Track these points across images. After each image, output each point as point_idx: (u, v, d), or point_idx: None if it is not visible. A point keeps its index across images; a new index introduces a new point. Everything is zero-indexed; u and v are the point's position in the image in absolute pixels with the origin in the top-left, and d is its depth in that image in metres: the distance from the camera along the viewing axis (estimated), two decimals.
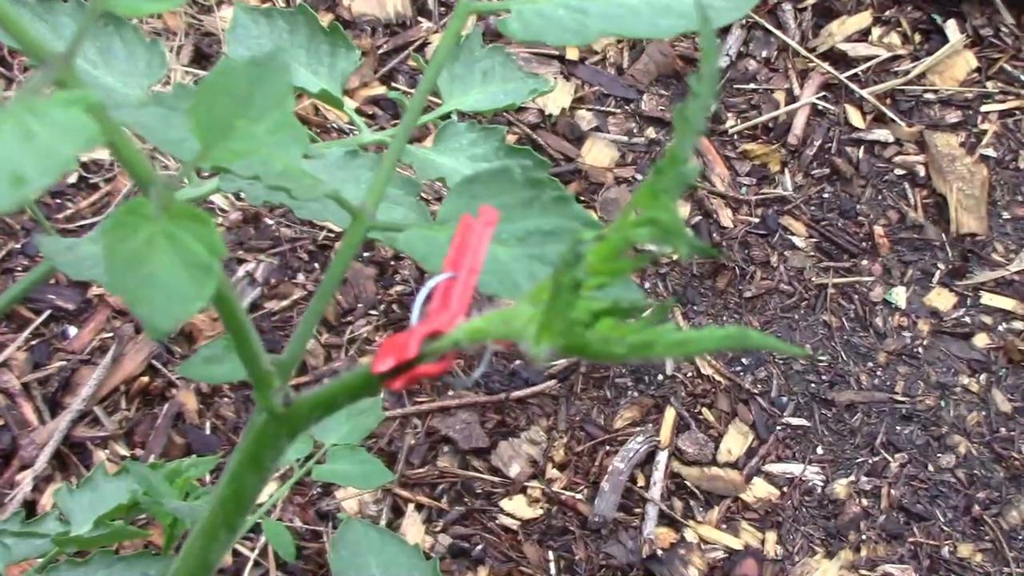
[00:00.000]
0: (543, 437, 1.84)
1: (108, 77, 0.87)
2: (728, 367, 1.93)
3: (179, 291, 0.41)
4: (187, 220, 0.43)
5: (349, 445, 1.36)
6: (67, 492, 1.30)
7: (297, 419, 0.54)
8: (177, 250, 0.42)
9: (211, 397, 1.83)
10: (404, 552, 1.08)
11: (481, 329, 0.44)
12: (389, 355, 0.47)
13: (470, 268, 0.49)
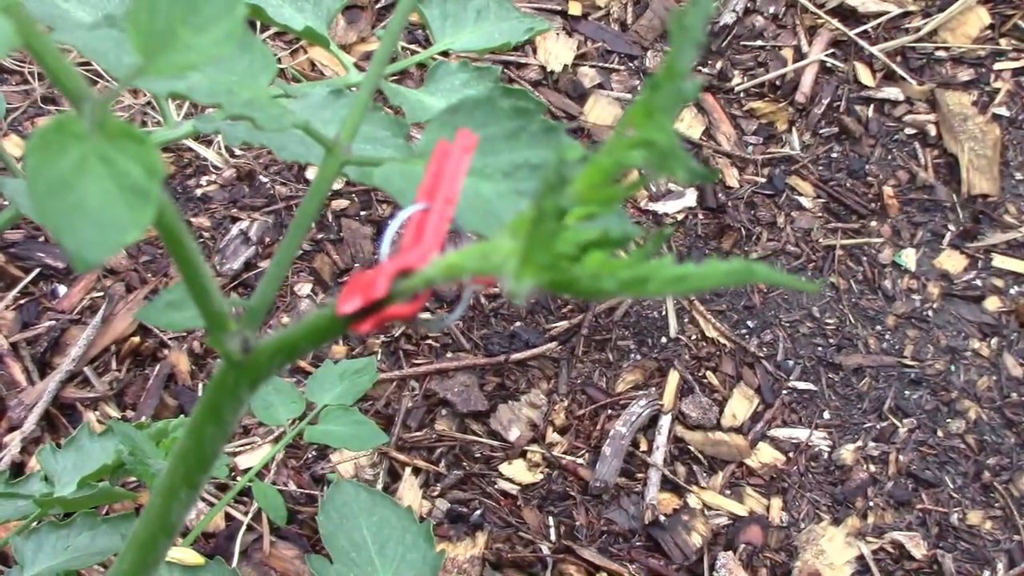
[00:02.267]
0: (543, 400, 1.79)
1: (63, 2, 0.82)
2: (733, 330, 1.89)
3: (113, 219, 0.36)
4: (123, 139, 0.39)
5: (342, 406, 1.32)
6: (51, 452, 1.26)
7: (257, 367, 0.49)
8: (111, 173, 0.37)
9: (203, 358, 1.79)
10: (396, 514, 1.04)
11: (457, 265, 0.40)
12: (355, 294, 0.43)
13: (446, 198, 0.44)
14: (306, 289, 1.85)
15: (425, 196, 0.45)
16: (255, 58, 0.59)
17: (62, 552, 1.14)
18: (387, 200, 1.96)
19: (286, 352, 0.49)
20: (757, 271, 0.37)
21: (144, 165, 0.38)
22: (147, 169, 0.38)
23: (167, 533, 0.54)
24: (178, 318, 0.55)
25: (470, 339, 1.83)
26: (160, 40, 0.43)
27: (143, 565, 0.55)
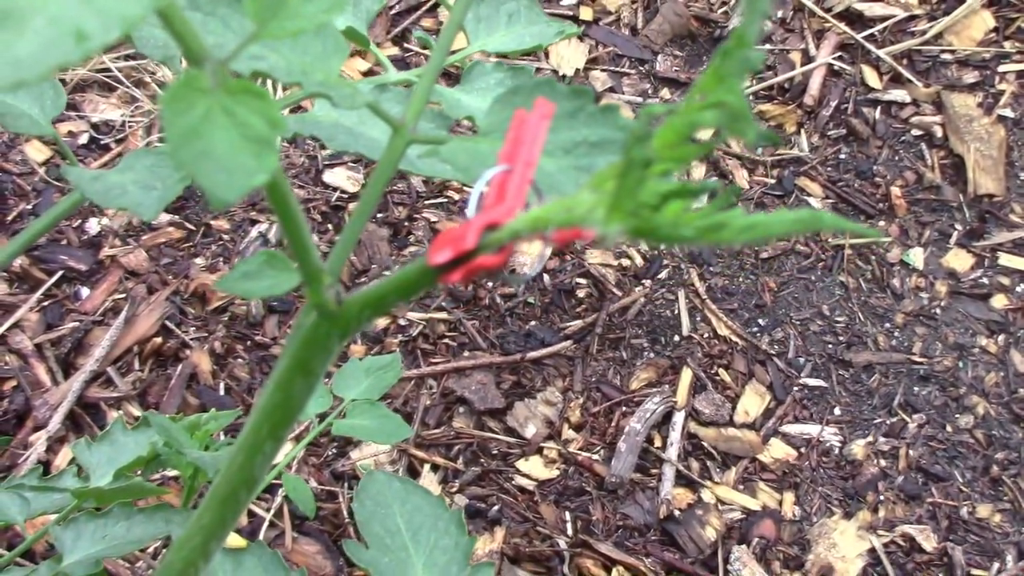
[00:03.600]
0: (559, 398, 1.82)
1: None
2: (745, 328, 1.92)
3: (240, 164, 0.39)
4: (244, 95, 0.42)
5: (368, 400, 1.34)
6: (85, 446, 1.29)
7: (348, 318, 0.52)
8: (234, 124, 0.41)
9: (225, 358, 1.82)
10: (428, 502, 1.07)
11: (542, 218, 0.43)
12: (446, 247, 0.46)
13: (526, 161, 0.47)
14: None
15: (506, 159, 0.48)
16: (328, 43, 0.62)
17: (100, 540, 1.17)
18: (402, 203, 1.99)
19: (375, 304, 0.52)
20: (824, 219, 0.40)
21: (265, 117, 0.41)
22: (268, 121, 0.41)
23: (248, 487, 0.57)
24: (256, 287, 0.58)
25: (486, 338, 1.86)
26: (273, 8, 0.46)
27: (223, 519, 0.58)
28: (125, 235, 1.92)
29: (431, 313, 1.87)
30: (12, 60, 0.33)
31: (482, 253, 0.45)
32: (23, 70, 0.33)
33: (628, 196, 0.39)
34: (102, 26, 0.34)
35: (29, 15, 0.34)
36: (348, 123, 0.81)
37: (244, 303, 1.86)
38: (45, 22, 0.34)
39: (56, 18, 0.34)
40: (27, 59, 0.33)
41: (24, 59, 0.33)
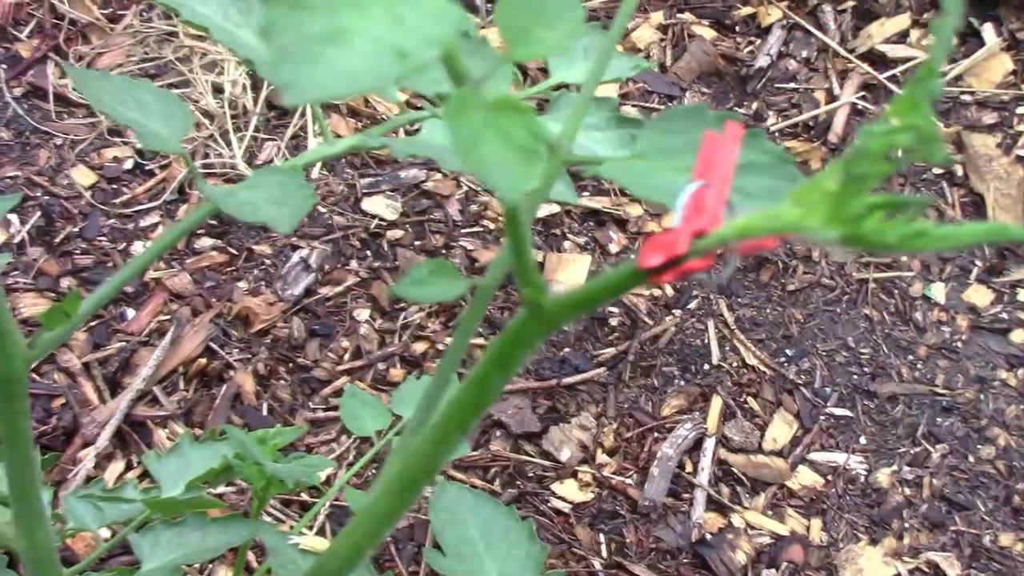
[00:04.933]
0: (593, 423, 1.87)
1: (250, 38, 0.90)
2: (772, 358, 1.97)
3: (511, 172, 0.44)
4: (507, 110, 0.47)
5: None
6: (155, 458, 1.33)
7: (556, 316, 0.57)
8: (501, 136, 0.45)
9: (268, 379, 1.86)
10: (499, 513, 1.11)
11: (749, 226, 0.48)
12: (657, 252, 0.50)
13: (722, 177, 0.52)
14: (364, 315, 1.93)
15: (699, 176, 0.53)
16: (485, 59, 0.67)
17: (176, 548, 1.22)
18: (439, 231, 2.04)
19: (583, 304, 0.56)
20: (1011, 231, 0.45)
21: (527, 130, 0.46)
22: (530, 133, 0.46)
23: (429, 475, 0.62)
24: (426, 293, 0.62)
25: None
26: (519, 35, 0.51)
27: (399, 506, 0.62)
28: (169, 258, 1.97)
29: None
30: (345, 71, 0.38)
31: (691, 257, 0.50)
32: (356, 81, 0.38)
33: (845, 206, 0.45)
34: (418, 45, 0.40)
35: (354, 34, 0.39)
36: None
37: (286, 327, 1.90)
38: (368, 41, 0.39)
39: (377, 38, 0.39)
40: (357, 72, 0.38)
41: (355, 72, 0.38)
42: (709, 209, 0.51)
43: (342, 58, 0.38)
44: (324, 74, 0.38)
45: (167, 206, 2.04)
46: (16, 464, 0.82)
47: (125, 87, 0.84)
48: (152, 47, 2.19)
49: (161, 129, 0.84)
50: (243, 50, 0.90)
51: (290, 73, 0.38)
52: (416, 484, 0.62)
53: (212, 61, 2.17)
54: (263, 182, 0.82)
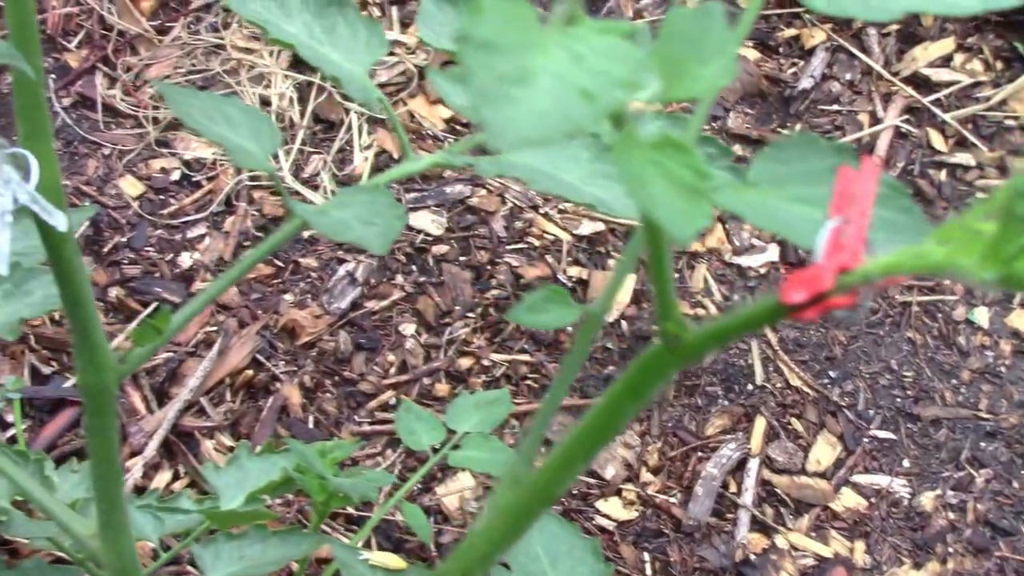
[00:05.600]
0: (637, 441, 1.87)
1: (334, 54, 0.91)
2: (816, 379, 1.97)
3: (678, 210, 0.45)
4: (668, 148, 0.47)
5: (482, 433, 1.40)
6: (213, 469, 1.34)
7: (691, 349, 0.57)
8: (664, 174, 0.46)
9: (314, 392, 1.87)
10: (564, 530, 1.12)
11: (896, 264, 0.48)
12: (799, 287, 0.51)
13: (860, 213, 0.53)
14: (410, 329, 1.94)
15: (836, 211, 0.53)
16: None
17: (237, 561, 1.22)
18: (484, 247, 2.04)
19: (720, 337, 0.57)
20: None
21: (690, 168, 0.46)
22: (694, 172, 0.46)
23: (545, 504, 0.62)
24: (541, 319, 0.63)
25: None
26: (676, 72, 0.52)
27: (515, 531, 0.63)
28: (216, 269, 1.98)
29: (514, 355, 1.92)
30: (536, 112, 0.38)
31: (835, 294, 0.51)
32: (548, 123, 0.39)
33: (1003, 247, 0.45)
34: (601, 85, 0.40)
35: (538, 73, 0.40)
36: (543, 167, 0.86)
37: (332, 340, 1.91)
38: (552, 80, 0.40)
39: (560, 77, 0.40)
40: (548, 113, 0.39)
41: (545, 112, 0.39)
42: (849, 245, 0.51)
43: (530, 98, 0.39)
44: (518, 115, 0.38)
45: (214, 217, 2.05)
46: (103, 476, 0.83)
47: (213, 103, 0.85)
48: (200, 59, 2.20)
49: (250, 145, 0.85)
50: (328, 67, 0.90)
51: (490, 116, 0.38)
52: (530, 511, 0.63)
53: (259, 74, 2.18)
54: (352, 201, 0.83)
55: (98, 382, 0.78)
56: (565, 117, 0.39)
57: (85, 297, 0.77)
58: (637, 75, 0.42)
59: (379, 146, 2.14)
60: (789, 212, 0.60)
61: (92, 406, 0.80)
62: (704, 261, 2.08)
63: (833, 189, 0.53)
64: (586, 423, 0.61)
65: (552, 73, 0.40)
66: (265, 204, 2.05)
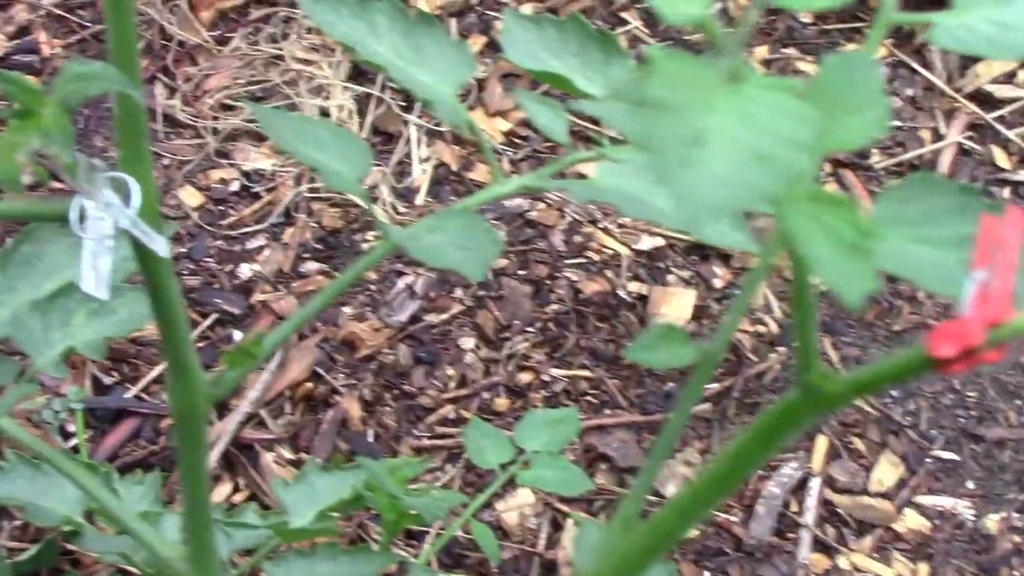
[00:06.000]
0: (697, 459, 1.86)
1: (422, 75, 0.90)
2: (878, 398, 1.95)
3: (843, 270, 0.44)
4: (827, 203, 0.46)
5: (551, 452, 1.39)
6: (282, 485, 1.33)
7: (832, 401, 0.56)
8: (824, 230, 0.45)
9: (373, 406, 1.86)
10: None
11: None
12: (948, 342, 0.50)
13: (1006, 263, 0.51)
14: (469, 343, 1.93)
15: (979, 262, 0.52)
16: None
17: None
18: (543, 261, 2.03)
19: (865, 388, 0.56)
20: None
21: (851, 225, 0.45)
22: (855, 228, 0.45)
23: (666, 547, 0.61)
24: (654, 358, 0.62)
25: (626, 397, 1.90)
26: (829, 122, 0.51)
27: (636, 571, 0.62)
28: (276, 281, 1.98)
29: (574, 371, 1.91)
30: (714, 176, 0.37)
31: (984, 349, 0.50)
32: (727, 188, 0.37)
33: None
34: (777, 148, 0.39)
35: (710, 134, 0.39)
36: (634, 193, 0.85)
37: (392, 353, 1.91)
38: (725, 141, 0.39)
39: (733, 139, 0.39)
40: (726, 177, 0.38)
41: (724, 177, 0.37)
42: (996, 298, 0.50)
43: (706, 162, 0.38)
44: (698, 180, 0.37)
45: (273, 229, 2.05)
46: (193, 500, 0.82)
47: (304, 125, 0.85)
48: (259, 70, 2.20)
49: (341, 168, 0.84)
50: (418, 89, 0.90)
51: (671, 179, 0.37)
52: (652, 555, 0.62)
53: (318, 86, 2.18)
54: (445, 225, 0.82)
55: (190, 405, 0.77)
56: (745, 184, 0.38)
57: (179, 320, 0.76)
58: (813, 136, 0.41)
59: (438, 159, 2.13)
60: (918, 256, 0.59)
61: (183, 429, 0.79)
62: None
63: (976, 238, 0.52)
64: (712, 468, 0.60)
65: (725, 134, 0.39)
66: (324, 216, 2.05)
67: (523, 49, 0.97)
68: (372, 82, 2.19)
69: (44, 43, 2.23)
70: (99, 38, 2.25)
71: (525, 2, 2.30)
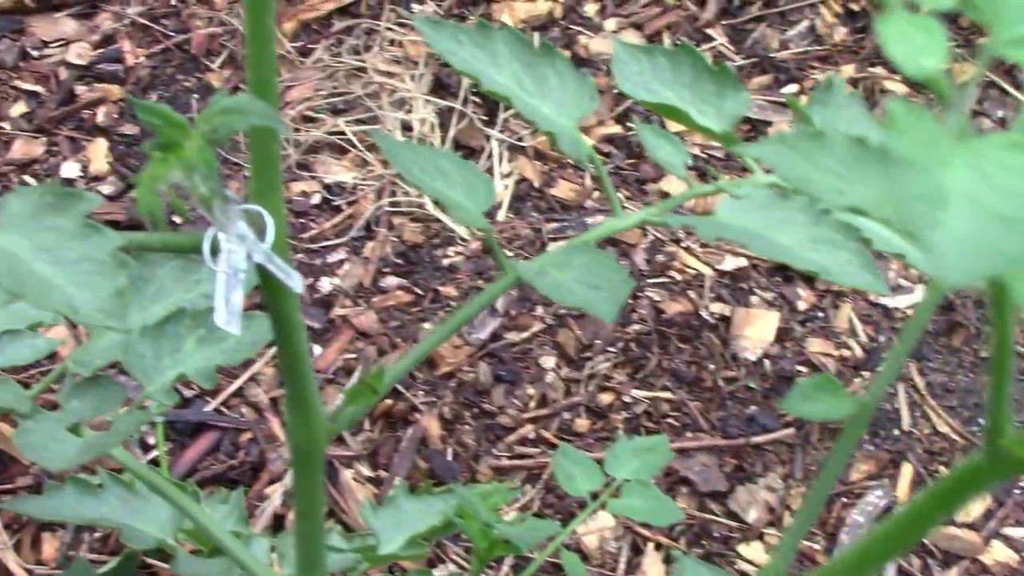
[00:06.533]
0: (780, 484, 1.83)
1: (544, 107, 0.88)
2: (964, 426, 1.92)
3: None
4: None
5: (641, 481, 1.37)
6: (371, 510, 1.32)
7: (1021, 466, 0.54)
8: None
9: (453, 424, 1.85)
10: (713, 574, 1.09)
11: None
12: None
13: None
14: (550, 362, 1.91)
15: None
16: None
17: None
18: None
19: None
20: None
21: None
22: None
23: None
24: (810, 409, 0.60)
25: (708, 420, 1.87)
26: None
27: None
28: (356, 296, 1.97)
29: (656, 392, 1.89)
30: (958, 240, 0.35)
31: None
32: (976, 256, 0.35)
33: None
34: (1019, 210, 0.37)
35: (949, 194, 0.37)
36: (760, 230, 0.83)
37: (472, 371, 1.89)
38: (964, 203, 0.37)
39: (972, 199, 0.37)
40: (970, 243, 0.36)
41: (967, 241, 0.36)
42: None
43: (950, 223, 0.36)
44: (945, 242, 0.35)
45: (354, 242, 2.04)
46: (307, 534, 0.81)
47: (430, 157, 0.83)
48: (341, 81, 2.20)
49: (465, 202, 0.83)
50: (541, 122, 0.88)
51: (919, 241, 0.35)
52: None
53: (401, 99, 2.17)
54: (571, 261, 0.80)
55: (309, 441, 0.76)
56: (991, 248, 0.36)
57: (302, 355, 0.75)
58: None
59: (519, 174, 2.12)
60: None
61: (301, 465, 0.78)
62: (849, 301, 2.03)
63: None
64: (887, 528, 0.58)
65: (965, 195, 0.37)
66: (405, 230, 2.04)
67: (636, 80, 0.96)
68: (454, 96, 2.18)
69: (128, 52, 2.23)
70: (182, 48, 2.25)
71: (609, 17, 2.28)
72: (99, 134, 2.14)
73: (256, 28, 0.63)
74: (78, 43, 2.24)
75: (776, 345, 1.96)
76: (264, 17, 0.63)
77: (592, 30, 2.28)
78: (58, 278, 0.50)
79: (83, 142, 2.14)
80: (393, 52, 2.23)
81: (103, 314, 0.50)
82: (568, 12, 2.30)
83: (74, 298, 0.50)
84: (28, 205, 0.54)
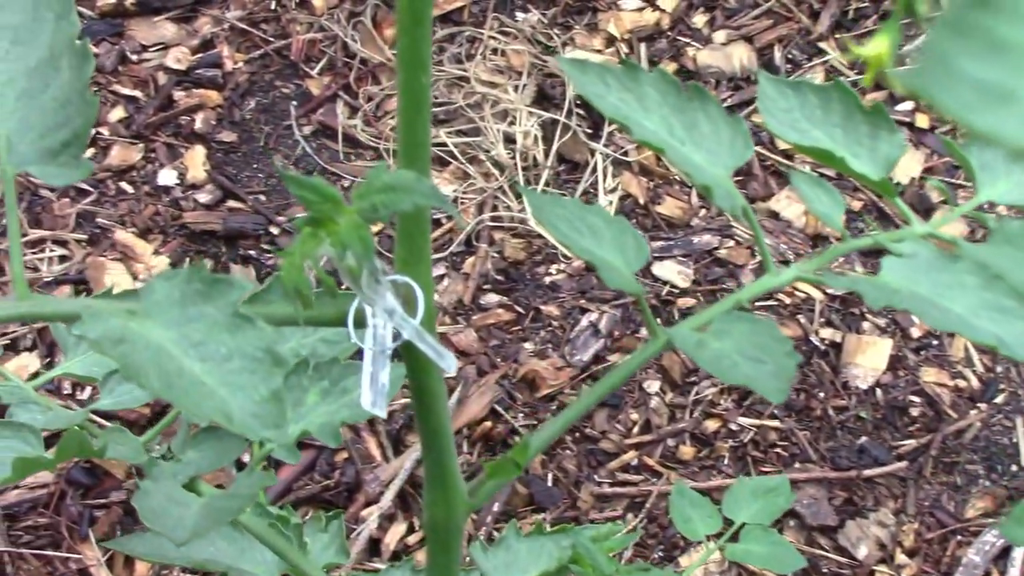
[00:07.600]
0: (892, 520, 1.77)
1: (695, 155, 0.83)
2: None
3: None
4: None
5: (761, 526, 1.31)
6: (481, 550, 1.28)
7: None
8: None
9: (554, 448, 1.80)
10: None
11: None
12: None
13: None
14: (655, 387, 1.86)
15: None
16: None
17: None
18: None
19: None
20: None
21: None
22: None
23: None
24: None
25: (817, 450, 1.81)
26: None
27: None
28: (455, 313, 1.92)
29: (763, 420, 1.83)
30: None
31: None
32: None
33: None
34: None
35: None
36: (928, 295, 0.77)
37: (574, 393, 1.84)
38: None
39: None
40: None
41: None
42: None
43: None
44: None
45: (453, 257, 1.99)
46: None
47: (578, 212, 0.78)
48: (442, 91, 2.15)
49: (616, 261, 0.77)
50: (693, 172, 0.82)
51: None
52: None
53: (504, 110, 2.12)
54: (732, 329, 0.75)
55: (448, 517, 0.72)
56: None
57: (445, 430, 0.70)
58: None
59: (624, 190, 2.06)
60: None
61: (438, 541, 0.74)
62: None
63: None
64: None
65: None
66: (506, 246, 1.99)
67: (783, 118, 0.89)
68: (558, 107, 2.13)
69: (227, 57, 2.20)
70: (281, 54, 2.21)
71: (718, 29, 2.22)
72: (197, 141, 2.11)
73: (410, 87, 0.58)
74: (177, 47, 2.21)
75: (888, 373, 1.90)
76: (420, 75, 0.58)
77: (700, 42, 2.21)
78: (208, 377, 0.46)
79: (180, 149, 2.11)
80: (496, 61, 2.18)
81: (259, 422, 0.45)
82: (676, 23, 2.23)
83: (227, 403, 0.45)
84: (175, 291, 0.49)
